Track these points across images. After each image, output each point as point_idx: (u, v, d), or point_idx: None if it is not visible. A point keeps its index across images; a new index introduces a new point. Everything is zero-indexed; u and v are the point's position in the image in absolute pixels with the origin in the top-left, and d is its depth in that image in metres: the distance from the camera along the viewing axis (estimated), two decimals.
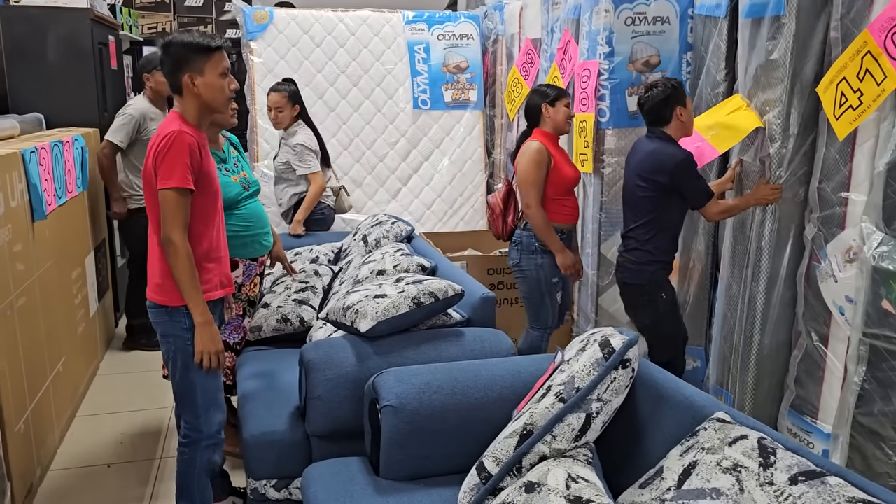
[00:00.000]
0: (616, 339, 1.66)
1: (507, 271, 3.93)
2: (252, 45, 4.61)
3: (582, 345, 1.74)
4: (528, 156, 3.17)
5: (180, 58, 2.12)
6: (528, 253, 3.28)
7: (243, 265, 2.88)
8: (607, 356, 1.62)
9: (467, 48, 4.93)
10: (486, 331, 2.49)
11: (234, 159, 2.93)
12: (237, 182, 2.84)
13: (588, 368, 1.61)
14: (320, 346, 2.32)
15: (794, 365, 2.97)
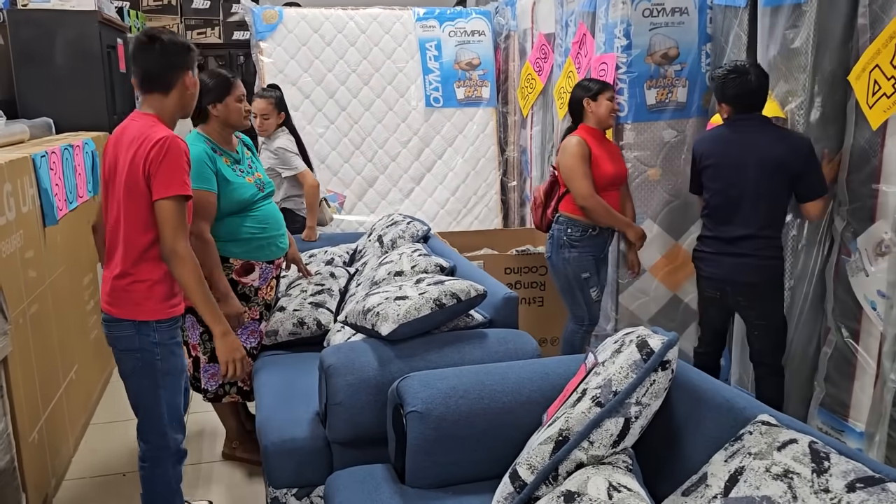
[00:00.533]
0: (654, 340, 1.59)
1: (525, 270, 3.87)
2: (262, 45, 4.56)
3: (617, 346, 1.67)
4: (568, 151, 3.15)
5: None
6: (558, 247, 3.25)
7: (259, 268, 2.83)
8: (646, 357, 1.55)
9: (479, 44, 4.86)
10: (510, 332, 2.42)
11: (248, 160, 2.89)
12: (252, 183, 2.80)
13: (626, 371, 1.54)
14: (341, 350, 2.26)
15: (823, 362, 2.90)
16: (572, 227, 3.21)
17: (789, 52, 2.82)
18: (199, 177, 2.62)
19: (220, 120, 2.73)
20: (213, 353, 2.79)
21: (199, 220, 2.62)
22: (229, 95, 2.71)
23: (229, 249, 2.76)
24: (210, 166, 2.66)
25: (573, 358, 2.15)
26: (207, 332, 2.79)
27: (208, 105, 2.70)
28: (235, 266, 2.78)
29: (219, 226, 2.73)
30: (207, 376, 2.82)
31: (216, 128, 2.74)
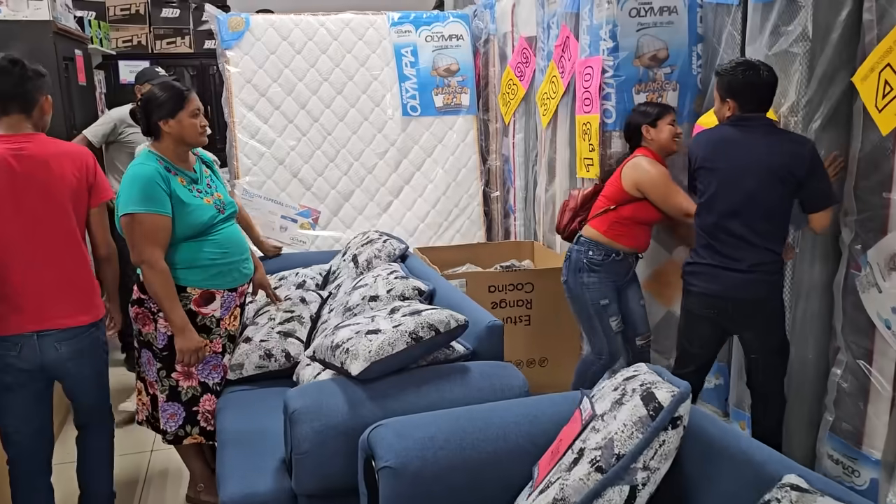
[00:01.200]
0: (663, 392, 1.36)
1: (511, 288, 3.64)
2: (228, 54, 4.32)
3: (618, 395, 1.45)
4: (649, 171, 2.89)
5: None
6: (575, 271, 3.01)
7: (221, 296, 2.59)
8: (653, 413, 1.33)
9: (457, 49, 4.64)
10: (495, 365, 2.20)
11: (206, 179, 2.65)
12: (210, 204, 2.56)
13: (630, 429, 1.32)
14: (306, 392, 2.02)
15: (833, 385, 2.69)
16: (594, 250, 2.97)
17: (781, 51, 2.62)
18: (151, 199, 2.40)
19: (173, 137, 2.51)
20: (172, 390, 2.55)
21: (152, 246, 2.40)
22: (182, 110, 2.49)
23: (187, 277, 2.53)
24: (163, 187, 2.43)
25: (564, 397, 1.93)
26: (165, 369, 2.55)
27: (159, 121, 2.49)
28: (194, 295, 2.54)
29: (174, 252, 2.50)
30: (167, 416, 2.58)
31: (169, 145, 2.53)
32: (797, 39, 2.58)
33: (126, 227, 2.43)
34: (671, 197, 2.87)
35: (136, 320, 2.58)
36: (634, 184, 2.91)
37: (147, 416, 2.68)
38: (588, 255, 2.98)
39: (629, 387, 1.44)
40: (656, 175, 2.88)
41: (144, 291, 2.51)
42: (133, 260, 2.46)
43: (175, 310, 2.44)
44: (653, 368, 1.57)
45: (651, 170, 2.89)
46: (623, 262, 3.00)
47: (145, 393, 2.64)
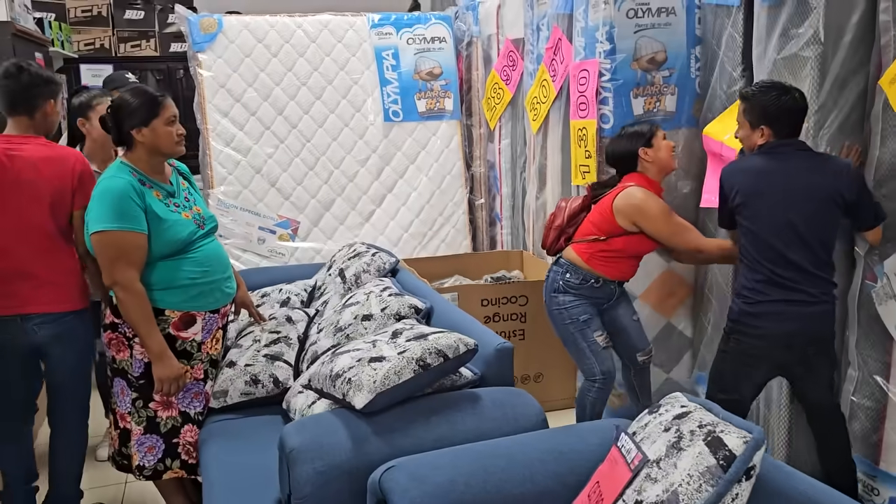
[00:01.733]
0: (733, 439, 1.21)
1: (504, 301, 3.50)
2: (200, 57, 4.10)
3: (671, 437, 1.30)
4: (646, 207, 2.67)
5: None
6: (551, 291, 2.84)
7: (202, 319, 2.39)
8: (724, 464, 1.18)
9: (440, 52, 4.48)
10: (507, 392, 2.04)
11: (184, 192, 2.45)
12: (189, 219, 2.36)
13: (697, 481, 1.17)
14: (305, 427, 1.84)
15: (846, 400, 2.59)
16: (571, 273, 2.80)
17: (793, 55, 2.52)
18: (125, 215, 2.20)
19: (146, 147, 2.31)
20: (150, 422, 2.35)
21: (126, 266, 2.20)
22: (157, 118, 2.29)
23: (165, 299, 2.32)
24: (137, 202, 2.23)
25: (590, 428, 1.78)
26: (142, 399, 2.34)
27: (132, 130, 2.28)
28: (173, 318, 2.34)
29: (151, 271, 2.29)
30: (144, 450, 2.36)
31: (143, 156, 2.33)
32: (808, 42, 2.47)
33: (97, 245, 2.22)
34: (680, 234, 2.70)
35: (108, 346, 2.36)
36: (629, 219, 2.71)
37: (112, 454, 2.46)
38: (565, 276, 2.80)
39: (685, 427, 1.29)
40: (657, 212, 2.68)
41: (118, 315, 2.31)
42: (105, 282, 2.26)
43: (152, 335, 2.24)
44: (699, 402, 1.43)
45: (650, 206, 2.68)
46: (602, 288, 2.81)
47: (114, 427, 2.43)
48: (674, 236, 2.71)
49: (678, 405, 1.43)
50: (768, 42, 2.63)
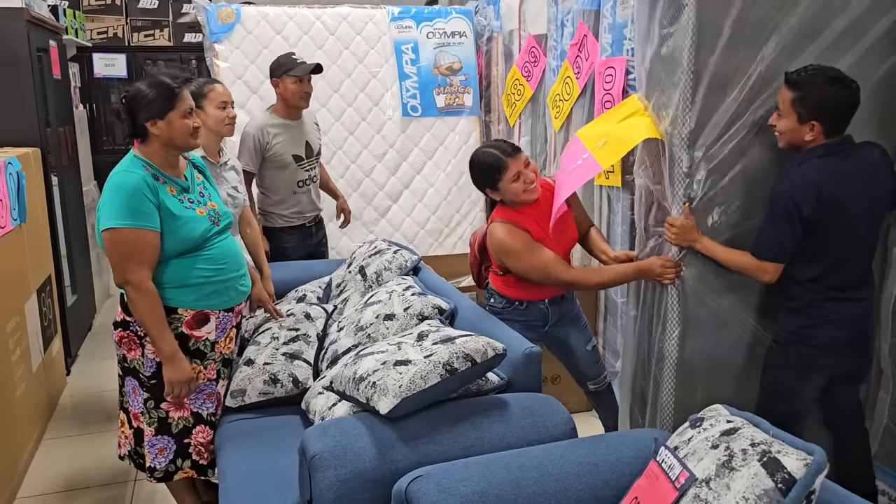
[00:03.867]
0: (792, 461, 1.15)
1: None
2: (217, 47, 4.04)
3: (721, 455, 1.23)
4: (510, 247, 2.45)
5: None
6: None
7: (216, 317, 2.32)
8: (783, 487, 1.11)
9: (460, 47, 4.41)
10: (535, 398, 1.97)
11: (198, 187, 2.37)
12: (204, 216, 2.29)
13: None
14: (328, 432, 1.77)
15: (881, 411, 2.52)
16: (496, 298, 2.65)
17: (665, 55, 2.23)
18: (136, 212, 2.12)
19: (161, 140, 2.22)
20: (161, 423, 2.29)
21: (138, 265, 2.13)
22: (173, 110, 2.20)
23: (178, 297, 2.25)
24: (150, 199, 2.15)
25: (622, 440, 1.72)
26: (153, 399, 2.28)
27: (146, 122, 2.20)
28: (186, 317, 2.27)
29: (164, 269, 2.22)
30: (155, 451, 2.31)
31: (157, 149, 2.24)
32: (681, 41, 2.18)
33: (108, 243, 2.13)
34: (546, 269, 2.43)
35: (119, 345, 2.29)
36: (498, 258, 2.52)
37: (130, 451, 2.40)
38: (490, 302, 2.67)
39: (735, 445, 1.22)
40: (517, 250, 2.44)
41: (129, 313, 2.24)
42: (116, 281, 2.18)
43: (164, 336, 2.17)
44: (745, 416, 1.36)
45: (509, 245, 2.45)
46: (530, 310, 2.60)
47: (128, 425, 2.37)
48: (541, 271, 2.45)
49: (723, 420, 1.36)
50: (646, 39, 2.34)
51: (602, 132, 2.46)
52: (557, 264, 2.44)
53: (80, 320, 4.33)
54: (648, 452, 1.66)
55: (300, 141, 3.43)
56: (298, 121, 3.42)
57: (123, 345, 2.28)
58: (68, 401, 3.67)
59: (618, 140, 2.39)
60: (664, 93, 2.26)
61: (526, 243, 2.44)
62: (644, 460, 1.64)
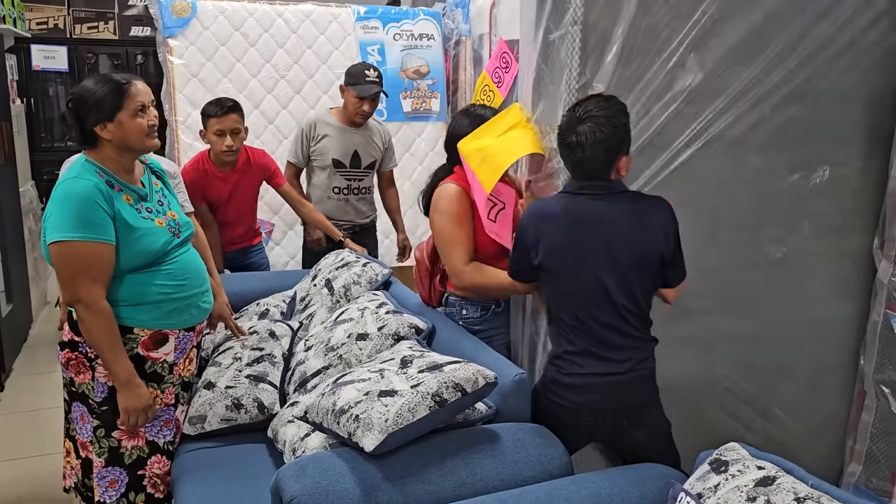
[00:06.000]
0: None
1: None
2: (171, 43, 3.81)
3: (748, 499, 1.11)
4: (441, 207, 2.26)
5: None
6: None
7: (175, 337, 2.12)
8: None
9: (428, 50, 4.28)
10: (526, 430, 1.84)
11: (157, 194, 2.16)
12: (164, 227, 2.08)
13: None
14: (306, 471, 1.60)
15: (864, 432, 2.48)
16: (468, 308, 2.33)
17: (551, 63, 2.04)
18: (88, 224, 1.91)
19: (114, 145, 2.01)
20: (112, 453, 2.08)
21: (90, 282, 1.92)
22: (122, 110, 1.99)
23: (134, 316, 2.03)
24: (104, 208, 1.94)
25: (628, 478, 1.60)
26: (104, 427, 2.06)
27: (95, 126, 1.99)
28: (142, 337, 2.06)
29: (118, 285, 2.01)
30: (105, 484, 2.08)
31: (111, 154, 2.03)
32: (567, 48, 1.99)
33: (57, 257, 1.92)
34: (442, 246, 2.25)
35: (66, 367, 2.07)
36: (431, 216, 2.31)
37: (76, 483, 2.18)
38: (462, 314, 2.34)
39: (778, 500, 1.11)
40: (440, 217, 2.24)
41: (78, 332, 2.02)
42: (65, 299, 1.96)
43: (119, 360, 1.96)
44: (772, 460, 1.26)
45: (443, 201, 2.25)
46: (507, 311, 2.35)
47: (75, 455, 2.15)
48: (438, 246, 2.27)
49: (752, 465, 1.25)
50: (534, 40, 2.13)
51: (481, 147, 2.19)
52: (465, 248, 2.21)
53: (16, 331, 4.03)
54: (655, 491, 1.56)
55: (349, 148, 3.37)
56: (359, 129, 3.38)
57: (71, 367, 2.06)
58: (1, 421, 3.38)
59: (496, 157, 2.12)
60: (549, 103, 2.05)
61: (465, 210, 2.22)
62: (652, 500, 1.54)
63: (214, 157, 3.21)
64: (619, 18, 1.93)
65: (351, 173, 3.42)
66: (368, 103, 3.30)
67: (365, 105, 3.29)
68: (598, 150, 1.79)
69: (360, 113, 3.30)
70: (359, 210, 3.50)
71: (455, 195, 2.25)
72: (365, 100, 3.28)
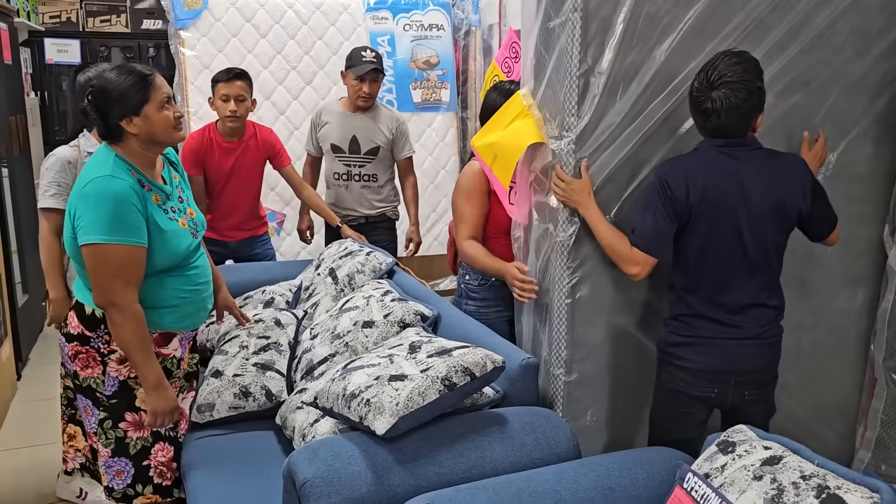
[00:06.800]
0: (858, 499, 1.04)
1: None
2: (182, 35, 3.84)
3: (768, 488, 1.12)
4: (459, 183, 2.44)
5: None
6: (457, 297, 2.56)
7: (179, 337, 2.12)
8: None
9: (438, 41, 4.28)
10: (534, 413, 1.86)
11: (177, 189, 2.12)
12: (186, 228, 2.05)
13: None
14: (317, 455, 1.62)
15: (875, 419, 2.48)
16: (470, 274, 2.49)
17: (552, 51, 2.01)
18: (125, 226, 1.87)
19: (141, 139, 1.95)
20: (118, 443, 2.08)
21: (124, 285, 1.89)
22: (149, 103, 1.93)
23: (150, 319, 2.00)
24: (139, 210, 1.90)
25: (636, 460, 1.61)
26: (111, 419, 2.06)
27: (121, 121, 1.93)
28: (154, 335, 2.04)
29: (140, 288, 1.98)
30: (112, 473, 2.09)
31: (137, 149, 1.96)
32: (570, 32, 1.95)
33: (91, 260, 1.88)
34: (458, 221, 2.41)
35: (73, 360, 2.04)
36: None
37: (84, 464, 2.19)
38: (465, 279, 2.51)
39: (783, 478, 1.12)
40: (456, 192, 2.43)
41: (90, 328, 2.00)
42: (97, 301, 1.93)
43: (150, 363, 1.95)
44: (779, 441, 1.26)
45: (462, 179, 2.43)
46: (506, 287, 2.31)
47: (83, 438, 2.15)
48: (459, 219, 2.42)
49: (758, 445, 1.26)
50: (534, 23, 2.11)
51: (491, 142, 2.23)
52: (468, 224, 2.37)
53: (32, 321, 4.08)
54: (663, 473, 1.57)
55: (347, 133, 3.34)
56: (363, 114, 3.34)
57: (79, 361, 2.04)
58: (19, 408, 3.43)
59: (507, 152, 2.17)
60: (550, 91, 2.04)
61: (476, 188, 2.35)
62: (660, 482, 1.55)
63: (220, 125, 3.18)
64: (620, 5, 1.92)
65: (350, 159, 3.37)
66: (368, 84, 3.25)
67: (364, 86, 3.24)
68: (734, 115, 1.80)
69: (360, 95, 3.26)
70: (363, 199, 3.41)
71: (472, 174, 2.38)
72: (364, 81, 3.23)
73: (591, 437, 2.10)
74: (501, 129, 2.23)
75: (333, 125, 3.34)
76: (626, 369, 2.13)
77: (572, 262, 2.02)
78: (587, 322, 2.06)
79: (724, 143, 1.87)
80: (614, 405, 2.14)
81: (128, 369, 2.02)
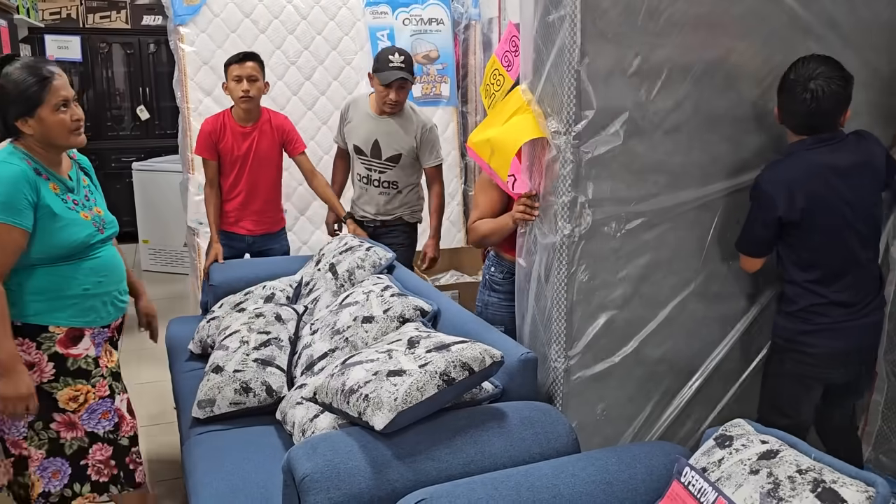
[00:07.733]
0: (853, 493, 1.04)
1: None
2: (182, 30, 3.83)
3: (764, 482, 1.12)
4: (480, 175, 2.53)
5: None
6: (481, 287, 2.58)
7: (90, 334, 2.08)
8: None
9: (437, 35, 4.27)
10: (533, 408, 1.86)
11: (84, 189, 2.13)
12: (89, 220, 2.05)
13: None
14: (317, 450, 1.63)
15: (875, 413, 2.48)
16: (496, 266, 2.51)
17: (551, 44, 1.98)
18: (11, 208, 1.87)
19: (37, 139, 1.98)
20: (52, 444, 2.05)
21: None
22: (42, 105, 1.93)
23: (51, 314, 2.00)
24: (27, 196, 1.91)
25: (634, 454, 1.61)
26: (41, 420, 2.02)
27: (16, 121, 1.95)
28: (59, 335, 2.02)
29: (34, 277, 1.97)
30: (49, 475, 2.05)
31: (35, 147, 1.99)
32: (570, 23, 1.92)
33: None
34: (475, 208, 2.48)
35: None
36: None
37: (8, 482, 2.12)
38: (490, 271, 2.53)
39: (779, 472, 1.12)
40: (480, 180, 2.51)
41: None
42: None
43: (3, 341, 1.90)
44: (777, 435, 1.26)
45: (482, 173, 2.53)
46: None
47: (3, 454, 2.09)
48: (475, 206, 2.49)
49: (755, 439, 1.26)
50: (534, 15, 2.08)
51: (488, 138, 2.21)
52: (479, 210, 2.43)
53: None
54: (661, 468, 1.57)
55: (370, 136, 3.20)
56: (389, 118, 3.19)
57: None
58: None
59: (503, 147, 2.15)
60: (549, 85, 2.02)
61: (488, 181, 2.37)
62: (658, 477, 1.55)
63: (235, 110, 3.17)
64: None
65: (371, 163, 3.24)
66: (395, 91, 3.08)
67: (391, 93, 3.08)
68: (832, 101, 1.95)
69: (386, 102, 3.11)
70: (379, 205, 3.30)
71: None
72: (390, 88, 3.08)
73: (591, 431, 2.11)
74: (500, 125, 2.22)
75: (358, 125, 3.22)
76: (625, 364, 2.13)
77: (573, 256, 2.03)
78: (587, 317, 2.06)
79: (815, 140, 2.02)
80: (614, 400, 2.15)
81: (38, 375, 1.99)
